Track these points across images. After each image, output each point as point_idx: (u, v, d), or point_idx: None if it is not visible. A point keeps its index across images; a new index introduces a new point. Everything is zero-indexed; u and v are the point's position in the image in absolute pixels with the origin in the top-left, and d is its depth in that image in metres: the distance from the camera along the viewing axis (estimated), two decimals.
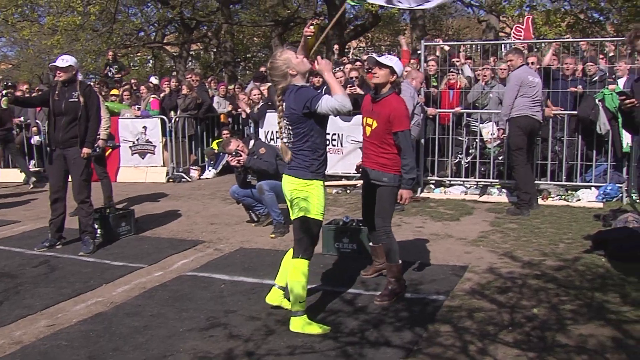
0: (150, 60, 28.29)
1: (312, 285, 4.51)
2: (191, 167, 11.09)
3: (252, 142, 7.10)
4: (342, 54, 14.39)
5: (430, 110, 8.64)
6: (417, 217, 7.20)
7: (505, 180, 8.39)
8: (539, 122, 7.37)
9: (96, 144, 6.81)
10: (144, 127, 10.80)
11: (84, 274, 5.27)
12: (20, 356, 3.66)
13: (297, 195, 3.92)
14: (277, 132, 4.21)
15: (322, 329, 3.85)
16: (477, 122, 8.73)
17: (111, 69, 14.22)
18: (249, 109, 10.21)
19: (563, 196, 7.94)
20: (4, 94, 6.10)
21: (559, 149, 8.30)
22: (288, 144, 3.96)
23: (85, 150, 6.00)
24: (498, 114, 7.86)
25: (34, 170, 11.17)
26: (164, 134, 10.76)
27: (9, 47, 27.37)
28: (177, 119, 10.84)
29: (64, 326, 4.11)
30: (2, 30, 22.05)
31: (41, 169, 11.11)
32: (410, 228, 6.65)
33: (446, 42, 10.33)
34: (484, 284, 4.70)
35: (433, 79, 9.29)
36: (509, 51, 7.91)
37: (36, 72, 25.00)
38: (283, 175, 4.05)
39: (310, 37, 4.27)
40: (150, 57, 27.86)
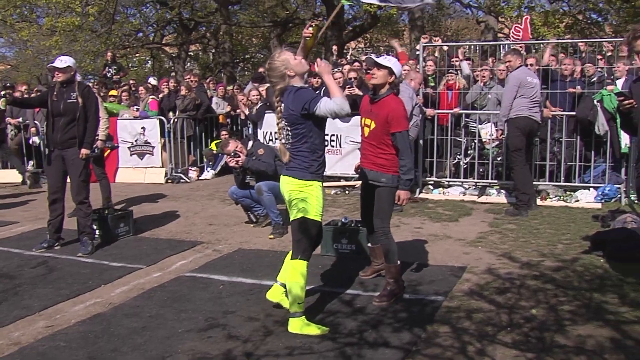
0: (149, 61, 28.30)
1: (310, 286, 4.51)
2: (190, 167, 11.09)
3: (250, 143, 7.08)
4: (340, 55, 14.41)
5: (429, 111, 8.64)
6: (415, 217, 7.21)
7: (504, 181, 8.39)
8: (538, 122, 7.38)
9: (95, 144, 6.81)
10: (143, 128, 10.80)
11: (82, 274, 5.27)
12: (18, 357, 3.66)
13: (295, 196, 3.91)
14: (275, 132, 4.21)
15: (320, 329, 3.85)
16: (475, 122, 8.73)
17: (110, 69, 14.21)
18: (247, 110, 10.21)
19: (561, 197, 7.94)
20: (2, 94, 6.08)
21: (557, 150, 8.31)
22: (287, 144, 3.96)
23: (84, 151, 6.00)
24: (497, 114, 7.86)
25: (33, 171, 11.15)
26: (162, 134, 10.75)
27: (7, 47, 27.46)
28: (175, 119, 10.84)
29: (62, 327, 4.10)
30: (0, 31, 22.04)
31: (40, 170, 11.09)
32: (409, 229, 6.65)
33: (445, 42, 10.27)
34: (483, 284, 4.70)
35: (431, 79, 9.29)
36: (508, 52, 7.92)
37: (35, 72, 25.01)
38: (281, 176, 4.05)
39: (309, 38, 4.27)
40: (148, 58, 27.87)
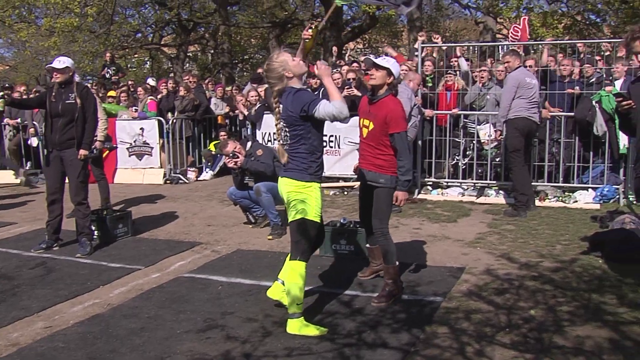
0: (148, 62, 28.31)
1: (309, 287, 4.51)
2: (188, 168, 11.09)
3: (249, 143, 7.09)
4: (339, 57, 14.38)
5: (428, 112, 8.64)
6: (414, 218, 7.21)
7: (503, 182, 8.39)
8: (536, 123, 7.39)
9: (93, 145, 6.80)
10: (141, 129, 10.79)
11: (81, 275, 5.26)
12: (17, 358, 3.65)
13: (294, 197, 3.91)
14: (274, 133, 4.21)
15: (319, 330, 3.85)
16: (474, 123, 8.73)
17: (109, 70, 14.20)
18: (246, 110, 10.21)
19: (560, 197, 7.95)
20: (0, 95, 6.07)
21: (556, 151, 8.31)
22: (285, 145, 3.96)
23: (82, 152, 5.99)
24: (495, 115, 7.87)
25: (30, 171, 11.15)
26: (161, 135, 10.75)
27: (6, 48, 27.45)
28: (174, 120, 10.83)
29: (60, 328, 4.10)
30: None
31: (38, 171, 11.08)
32: (408, 229, 6.65)
33: (443, 43, 10.28)
34: (481, 285, 4.70)
35: (428, 79, 9.27)
36: (506, 53, 7.92)
37: (33, 73, 25.00)
38: (279, 178, 4.05)
39: (309, 40, 4.27)
40: (147, 59, 27.88)
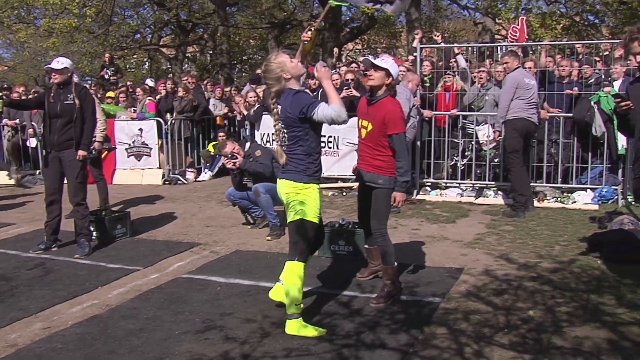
0: (146, 63, 28.32)
1: (307, 288, 4.51)
2: (187, 169, 11.08)
3: (248, 144, 7.07)
4: (338, 58, 14.34)
5: (426, 113, 8.64)
6: (413, 219, 7.21)
7: (501, 183, 8.40)
8: (535, 124, 7.39)
9: (92, 146, 6.80)
10: (140, 130, 10.78)
11: (79, 276, 5.26)
12: (15, 359, 3.65)
13: (293, 198, 3.92)
14: (273, 134, 4.22)
15: (317, 331, 3.85)
16: (473, 124, 8.74)
17: (108, 71, 14.20)
18: (245, 111, 10.21)
19: (559, 198, 7.95)
20: None
21: (554, 151, 8.32)
22: (283, 146, 3.96)
23: (81, 153, 5.99)
24: (494, 116, 7.87)
25: (27, 172, 11.15)
26: (159, 136, 10.74)
27: (4, 49, 27.40)
28: (173, 121, 10.83)
29: (59, 329, 4.10)
30: None
31: (37, 172, 11.07)
32: (406, 230, 6.65)
33: (442, 43, 10.26)
34: (480, 286, 4.70)
35: (426, 80, 9.26)
36: (505, 53, 7.93)
37: (32, 74, 24.96)
38: (278, 179, 4.05)
39: (308, 42, 4.27)
40: (146, 60, 27.89)
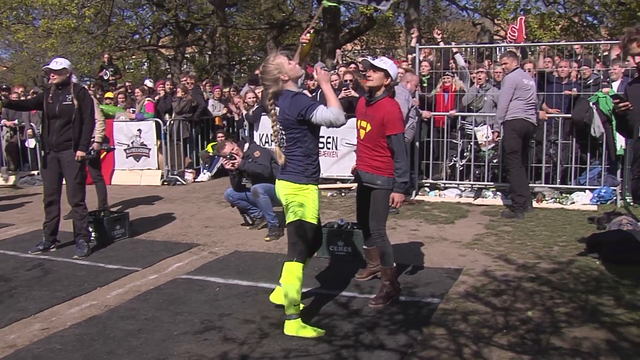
0: (145, 63, 28.32)
1: (306, 289, 4.51)
2: (186, 170, 11.08)
3: (246, 145, 7.07)
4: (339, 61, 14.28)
5: (425, 113, 8.64)
6: (411, 220, 7.21)
7: (500, 183, 8.40)
8: (534, 125, 7.40)
9: (90, 147, 6.79)
10: (139, 130, 10.77)
11: (78, 277, 5.25)
12: None
13: (292, 199, 3.92)
14: (271, 135, 4.22)
15: (316, 332, 3.85)
16: (471, 125, 8.74)
17: (107, 71, 14.19)
18: (245, 110, 10.21)
19: (557, 199, 7.96)
20: None
21: (553, 152, 8.32)
22: (282, 148, 3.97)
23: (79, 153, 5.98)
24: (493, 117, 7.87)
25: (29, 173, 11.16)
26: (158, 136, 10.73)
27: (3, 49, 27.39)
28: (171, 121, 10.82)
29: (58, 330, 4.09)
30: None
31: (35, 172, 11.07)
32: (405, 231, 6.65)
33: (440, 45, 10.27)
34: (479, 286, 4.70)
35: (424, 80, 9.25)
36: (504, 54, 7.93)
37: (31, 74, 24.95)
38: (277, 180, 4.05)
39: (306, 44, 4.27)
40: (145, 60, 27.89)
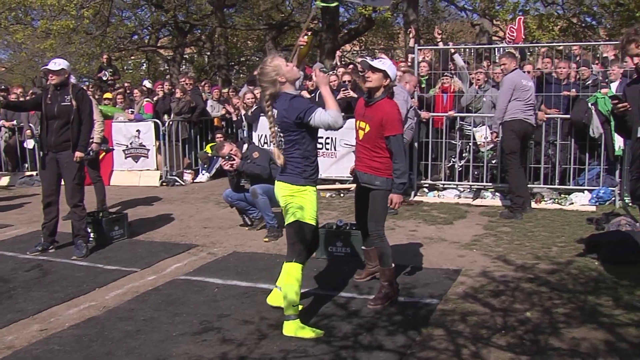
0: (144, 64, 28.31)
1: (305, 289, 4.51)
2: (185, 170, 11.08)
3: (245, 146, 7.07)
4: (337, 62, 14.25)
5: (424, 114, 8.64)
6: (410, 220, 7.21)
7: (499, 184, 8.40)
8: (532, 125, 7.40)
9: (89, 147, 6.79)
10: (138, 131, 10.77)
11: (76, 278, 5.25)
12: None
13: (290, 201, 3.94)
14: (270, 136, 4.23)
15: (315, 333, 3.85)
16: (470, 125, 8.74)
17: (106, 72, 14.19)
18: (244, 110, 10.22)
19: (556, 200, 7.96)
20: None
21: (552, 153, 8.33)
22: (280, 149, 3.97)
23: (78, 154, 5.98)
24: (491, 117, 7.88)
25: (27, 174, 11.15)
26: (157, 137, 10.74)
27: (2, 50, 27.32)
28: (170, 122, 10.82)
29: (56, 330, 4.09)
30: None
31: (34, 173, 11.07)
32: (404, 232, 6.65)
33: (439, 45, 10.27)
34: (478, 287, 4.70)
35: (422, 81, 9.25)
36: (502, 55, 7.94)
37: (29, 75, 24.91)
38: (275, 181, 4.06)
39: (304, 46, 4.27)
40: (143, 61, 27.88)
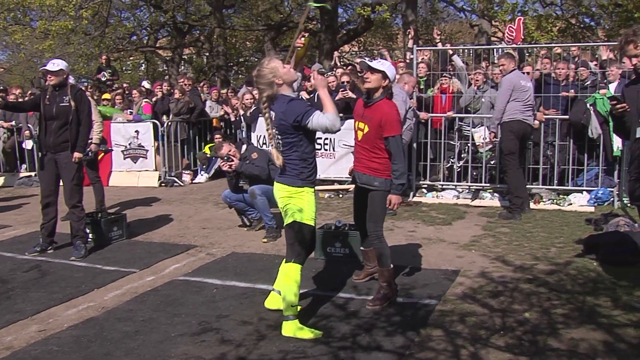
0: (143, 65, 28.29)
1: (303, 290, 4.50)
2: (183, 171, 11.07)
3: (244, 146, 7.07)
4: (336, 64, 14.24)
5: (422, 115, 8.64)
6: (409, 221, 7.21)
7: (497, 185, 8.41)
8: (531, 126, 7.41)
9: (88, 148, 6.78)
10: (136, 132, 10.77)
11: (75, 278, 5.25)
12: None
13: (288, 202, 3.95)
14: (267, 136, 4.24)
15: (314, 333, 3.85)
16: (469, 126, 8.75)
17: (105, 73, 14.18)
18: (242, 110, 10.22)
19: (555, 200, 7.96)
20: None
21: (550, 153, 8.34)
22: (279, 151, 3.98)
23: (77, 155, 5.98)
24: (490, 118, 7.88)
25: (26, 175, 11.15)
26: (156, 138, 10.73)
27: (0, 51, 27.32)
28: (169, 123, 10.82)
29: (55, 331, 4.08)
30: None
31: (33, 174, 11.06)
32: (403, 232, 6.65)
33: (438, 46, 10.28)
34: (476, 288, 4.70)
35: (421, 82, 9.24)
36: (501, 55, 7.94)
37: (28, 76, 24.88)
38: (274, 182, 4.07)
39: (301, 48, 4.27)
40: (142, 61, 27.86)
